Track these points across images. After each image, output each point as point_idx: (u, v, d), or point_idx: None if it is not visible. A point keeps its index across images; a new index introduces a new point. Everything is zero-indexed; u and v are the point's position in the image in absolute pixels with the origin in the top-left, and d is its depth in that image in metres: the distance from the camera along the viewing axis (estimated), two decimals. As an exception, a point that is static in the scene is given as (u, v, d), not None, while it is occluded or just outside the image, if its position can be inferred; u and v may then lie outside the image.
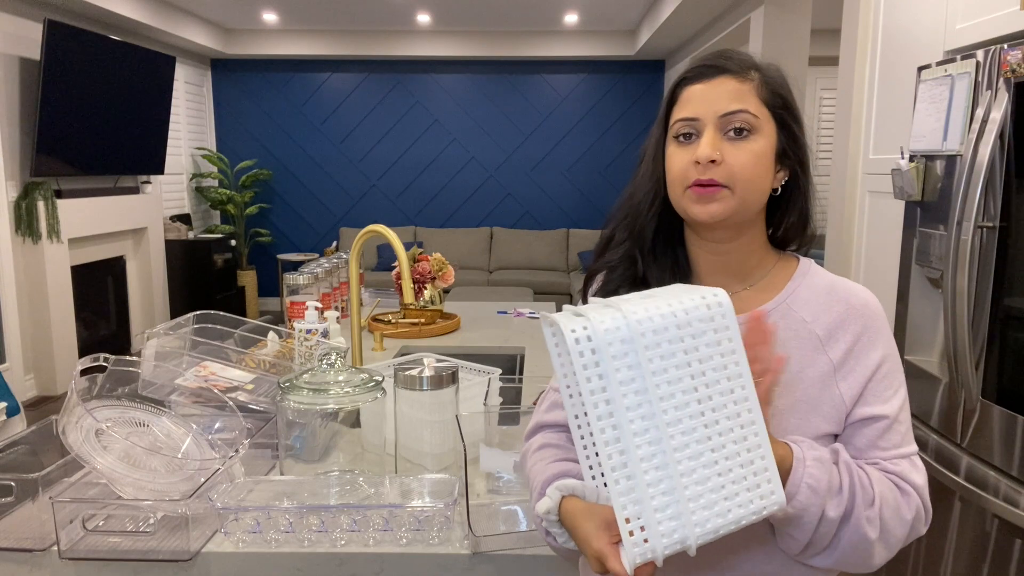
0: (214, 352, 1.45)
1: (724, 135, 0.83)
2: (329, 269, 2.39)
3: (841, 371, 0.86)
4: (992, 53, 1.68)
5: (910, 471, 0.85)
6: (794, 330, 0.87)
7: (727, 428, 0.70)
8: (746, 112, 0.82)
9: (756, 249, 0.91)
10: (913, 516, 0.84)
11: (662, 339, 0.68)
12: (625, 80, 7.07)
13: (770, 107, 0.84)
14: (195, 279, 6.16)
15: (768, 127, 0.84)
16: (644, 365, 0.67)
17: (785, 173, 0.88)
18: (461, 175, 7.23)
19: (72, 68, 4.53)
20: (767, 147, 0.84)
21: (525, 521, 1.10)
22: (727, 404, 0.70)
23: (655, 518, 0.66)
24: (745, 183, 0.82)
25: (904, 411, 0.88)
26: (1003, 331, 1.66)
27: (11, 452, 1.15)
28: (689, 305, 0.70)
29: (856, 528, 0.80)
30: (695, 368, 0.69)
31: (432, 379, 1.19)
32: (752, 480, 0.70)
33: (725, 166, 0.82)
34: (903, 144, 2.10)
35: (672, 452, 0.67)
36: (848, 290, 0.89)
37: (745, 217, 0.86)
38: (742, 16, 4.40)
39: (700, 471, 0.68)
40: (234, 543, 1.03)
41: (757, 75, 0.85)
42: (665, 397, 0.68)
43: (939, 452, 1.86)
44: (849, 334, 0.86)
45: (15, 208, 4.35)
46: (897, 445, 0.86)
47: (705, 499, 0.68)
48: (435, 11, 5.90)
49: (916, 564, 1.96)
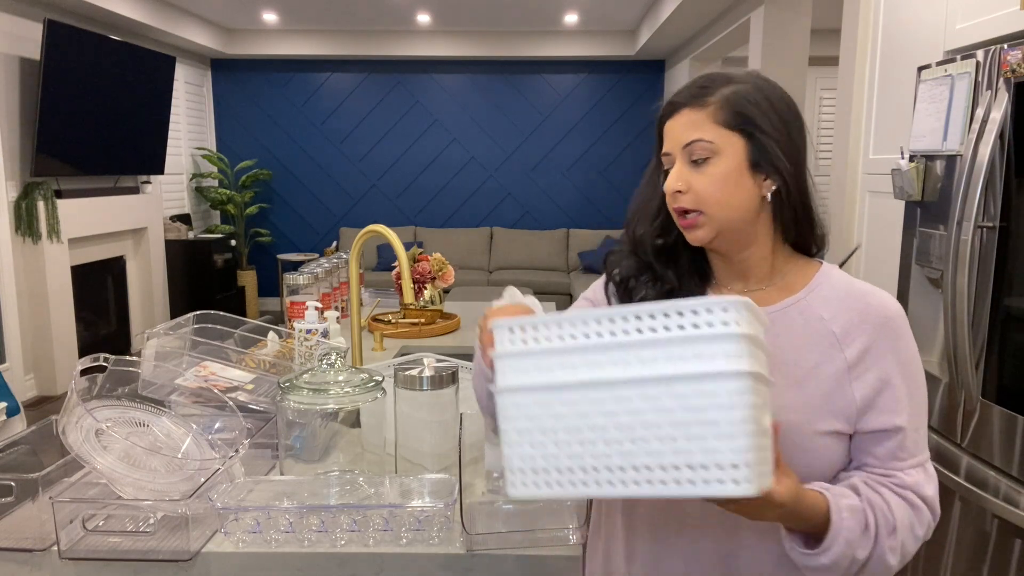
0: (214, 352, 1.45)
1: (690, 164, 0.88)
2: (329, 269, 2.39)
3: (856, 370, 0.86)
4: (992, 53, 1.68)
5: (924, 483, 0.86)
6: (812, 327, 0.89)
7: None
8: (700, 140, 0.87)
9: (767, 255, 0.93)
10: (925, 531, 0.86)
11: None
12: (625, 80, 7.06)
13: (731, 126, 0.87)
14: (195, 279, 6.16)
15: (731, 146, 0.87)
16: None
17: (773, 180, 0.89)
18: (461, 175, 7.23)
19: (72, 68, 4.53)
20: (731, 165, 0.87)
21: (525, 521, 1.10)
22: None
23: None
24: (714, 204, 0.87)
25: (920, 416, 0.88)
26: (1003, 331, 1.66)
27: (11, 452, 1.15)
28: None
29: (879, 561, 0.83)
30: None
31: (432, 379, 1.19)
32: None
33: (692, 193, 0.88)
34: (903, 144, 2.10)
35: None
36: (868, 292, 0.90)
37: (736, 232, 0.90)
38: (742, 16, 4.40)
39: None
40: (234, 543, 1.03)
41: (717, 98, 0.88)
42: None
43: (939, 452, 1.86)
44: (865, 335, 0.87)
45: (15, 208, 4.35)
46: (913, 454, 0.87)
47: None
48: (435, 11, 5.89)
49: (916, 564, 1.96)
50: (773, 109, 0.89)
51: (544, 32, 6.68)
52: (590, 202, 7.25)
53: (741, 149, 0.87)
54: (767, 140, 0.87)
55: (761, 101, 0.89)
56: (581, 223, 7.26)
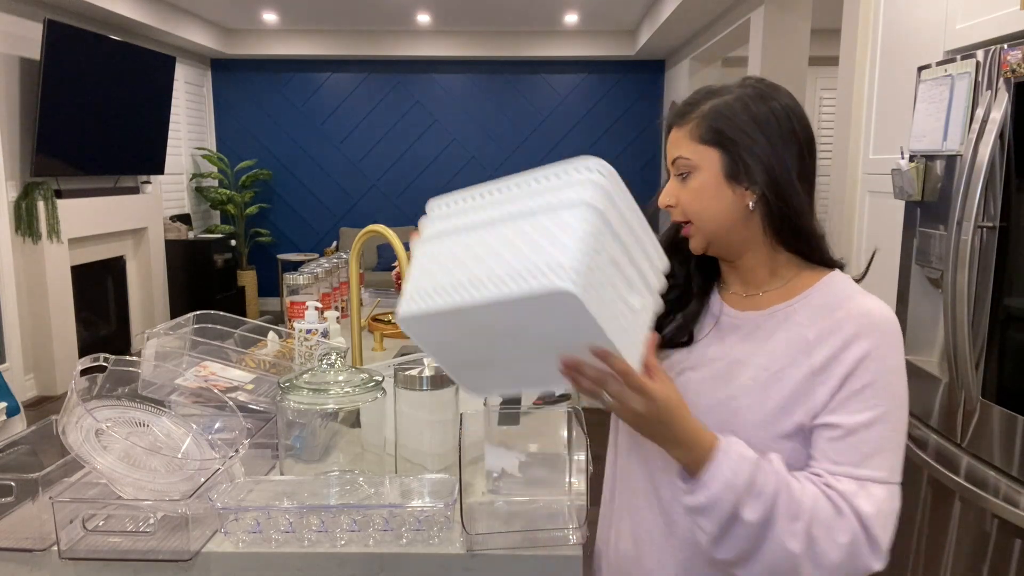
0: (214, 352, 1.45)
1: (678, 178, 0.94)
2: (329, 269, 2.39)
3: (820, 376, 0.86)
4: (992, 53, 1.68)
5: (855, 494, 0.81)
6: (789, 332, 0.90)
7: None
8: (680, 158, 0.93)
9: (764, 261, 0.95)
10: (849, 541, 0.80)
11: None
12: (625, 80, 7.06)
13: (706, 141, 0.91)
14: (195, 279, 6.16)
15: (708, 160, 0.91)
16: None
17: (753, 189, 0.90)
18: (461, 175, 7.23)
19: (72, 68, 4.53)
20: (708, 179, 0.91)
21: (525, 521, 1.10)
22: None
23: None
24: (697, 215, 0.93)
25: (875, 432, 0.83)
26: (1003, 331, 1.66)
27: (11, 452, 1.15)
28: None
29: (777, 539, 0.80)
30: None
31: (432, 379, 1.19)
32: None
33: (679, 206, 0.94)
34: (903, 144, 2.10)
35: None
36: (857, 302, 0.89)
37: (726, 240, 0.94)
38: (742, 16, 4.40)
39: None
40: (234, 543, 1.03)
41: (696, 115, 0.92)
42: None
43: (939, 452, 1.86)
44: (838, 339, 0.86)
45: (15, 208, 4.35)
46: (853, 463, 0.83)
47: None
48: (435, 11, 5.89)
49: (916, 564, 1.96)
50: (752, 120, 0.90)
51: (544, 32, 6.68)
52: (590, 202, 7.25)
53: (716, 162, 0.91)
54: (741, 151, 0.89)
55: (738, 113, 0.90)
56: (581, 223, 7.25)
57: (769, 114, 0.90)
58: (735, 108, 0.90)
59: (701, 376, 0.95)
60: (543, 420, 1.42)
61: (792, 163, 0.90)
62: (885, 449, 0.84)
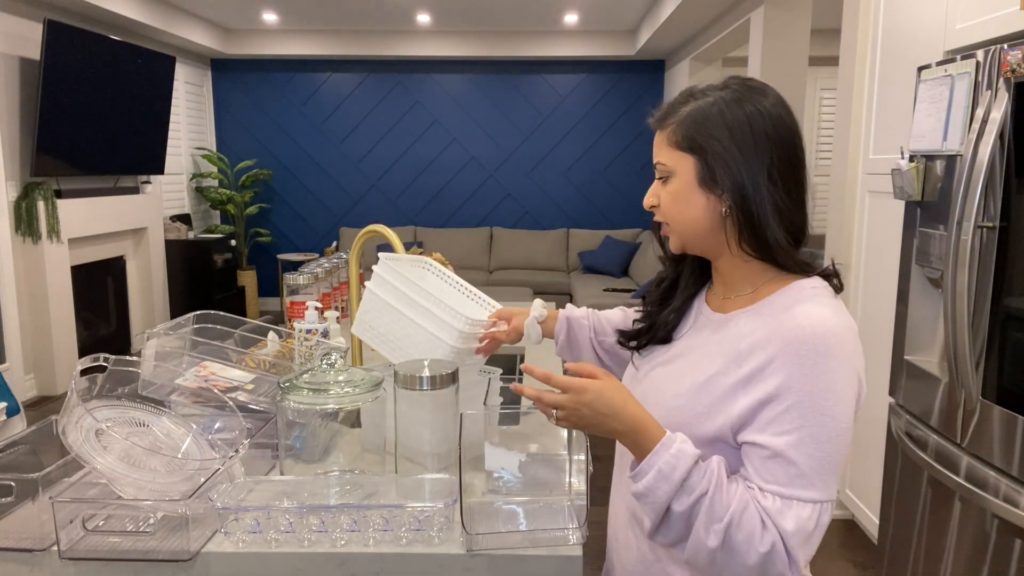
0: (214, 352, 1.45)
1: (659, 181, 0.98)
2: (329, 269, 2.39)
3: (746, 387, 0.87)
4: (992, 53, 1.68)
5: (779, 512, 0.82)
6: (729, 340, 0.92)
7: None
8: (659, 163, 0.96)
9: (738, 265, 0.97)
10: (767, 551, 0.82)
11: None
12: (625, 80, 7.06)
13: (681, 147, 0.93)
14: (195, 279, 6.16)
15: (682, 165, 0.93)
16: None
17: (725, 195, 0.91)
18: (461, 175, 7.23)
19: (72, 68, 4.53)
20: (682, 183, 0.94)
21: (525, 521, 1.10)
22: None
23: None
24: (672, 218, 0.97)
25: (802, 453, 0.82)
26: (1003, 331, 1.66)
27: (11, 452, 1.15)
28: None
29: (698, 533, 0.84)
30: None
31: (432, 379, 1.19)
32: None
33: (660, 208, 0.98)
34: (903, 144, 2.10)
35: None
36: (796, 314, 0.86)
37: (700, 243, 0.97)
38: (742, 16, 4.40)
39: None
40: (234, 543, 1.03)
41: (674, 120, 0.94)
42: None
43: (939, 452, 1.86)
44: (765, 353, 0.86)
45: (15, 208, 4.35)
46: (780, 483, 0.83)
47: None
48: (435, 11, 5.90)
49: (916, 564, 1.96)
50: (725, 126, 0.90)
51: (544, 32, 6.69)
52: (590, 202, 7.25)
53: (691, 168, 0.93)
54: (709, 159, 0.91)
55: (712, 119, 0.91)
56: (581, 223, 7.26)
57: (744, 120, 0.90)
58: (710, 113, 0.91)
59: (667, 371, 1.00)
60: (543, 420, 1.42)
61: (760, 170, 0.89)
62: (814, 470, 0.83)
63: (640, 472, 0.86)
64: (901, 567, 2.03)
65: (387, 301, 1.36)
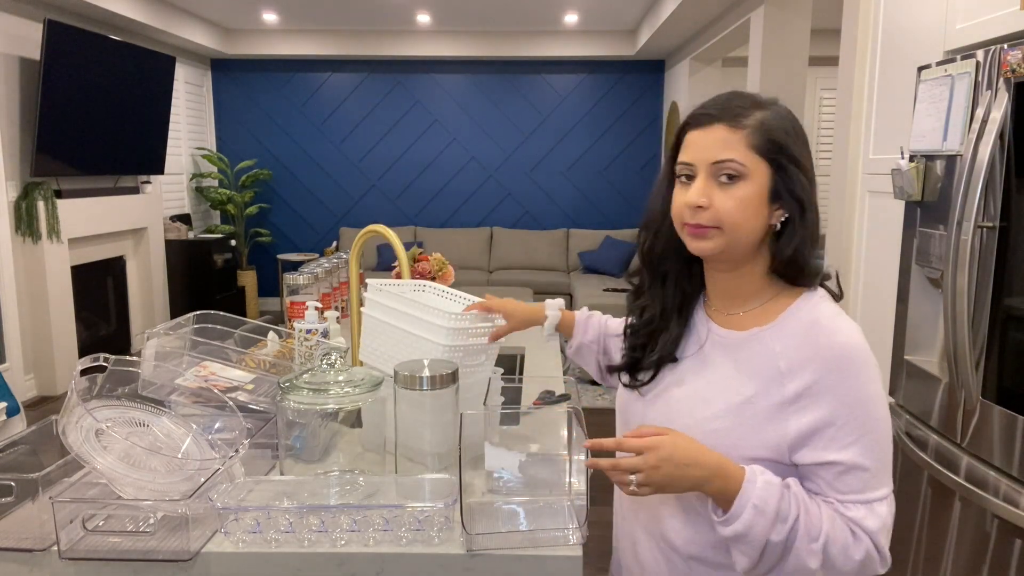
0: (214, 352, 1.45)
1: (716, 180, 0.89)
2: (329, 269, 2.39)
3: (793, 407, 0.88)
4: (992, 53, 1.68)
5: (865, 517, 0.87)
6: (761, 359, 0.91)
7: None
8: (733, 161, 0.88)
9: (755, 280, 0.95)
10: (862, 557, 0.86)
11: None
12: (625, 80, 7.06)
13: (762, 153, 0.89)
14: (195, 279, 6.15)
15: (759, 172, 0.89)
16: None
17: (784, 211, 0.91)
18: (461, 175, 7.23)
19: (72, 68, 4.53)
20: (755, 191, 0.89)
21: (525, 521, 1.10)
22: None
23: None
24: (732, 225, 0.89)
25: (868, 457, 0.87)
26: (1003, 331, 1.66)
27: (11, 452, 1.15)
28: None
29: (797, 556, 0.85)
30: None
31: (432, 379, 1.19)
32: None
33: (712, 210, 0.89)
34: (903, 144, 2.10)
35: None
36: (828, 328, 0.89)
37: (739, 252, 0.93)
38: (742, 16, 4.40)
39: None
40: (234, 543, 1.03)
41: (752, 122, 0.89)
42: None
43: (939, 452, 1.86)
44: (811, 372, 0.87)
45: (15, 208, 4.35)
46: (856, 491, 0.87)
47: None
48: (435, 11, 5.90)
49: (916, 564, 1.96)
50: (803, 147, 0.91)
51: (544, 32, 6.68)
52: (590, 202, 7.25)
53: (766, 177, 0.89)
54: (794, 171, 0.89)
55: (790, 131, 0.91)
56: (581, 223, 7.26)
57: (807, 141, 0.92)
58: (787, 126, 0.90)
59: (684, 392, 0.97)
60: (543, 420, 1.42)
61: (815, 192, 0.93)
62: (878, 468, 0.88)
63: (734, 515, 0.85)
64: (901, 567, 2.03)
65: (381, 320, 1.39)
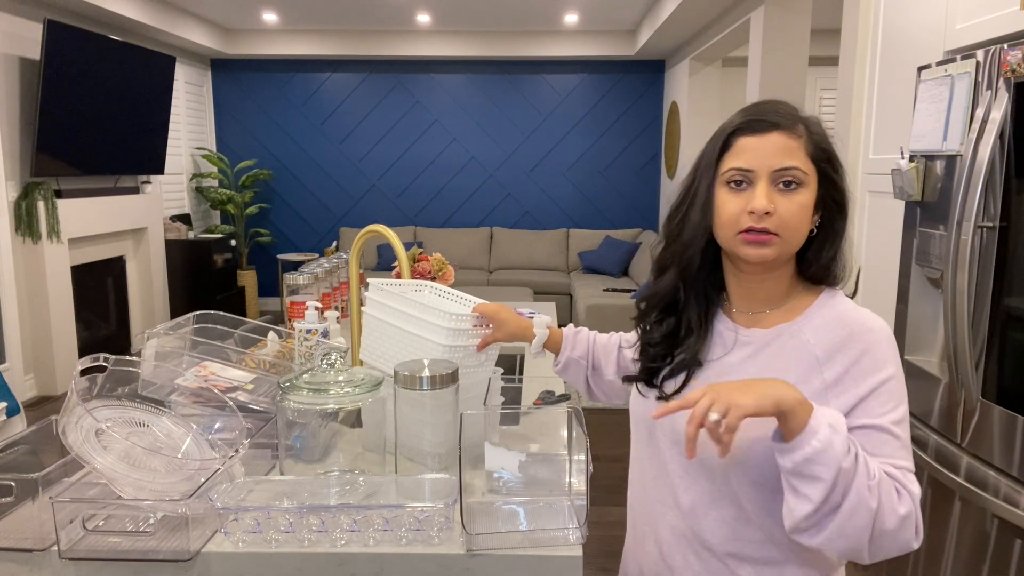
0: (214, 352, 1.45)
1: (775, 186, 0.91)
2: (329, 269, 2.39)
3: (834, 390, 0.91)
4: (992, 53, 1.68)
5: (905, 478, 0.87)
6: (797, 351, 0.94)
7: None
8: (797, 168, 0.91)
9: (784, 282, 0.99)
10: (905, 514, 0.84)
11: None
12: (625, 80, 7.06)
13: (815, 161, 0.93)
14: (195, 279, 6.15)
15: (812, 179, 0.93)
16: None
17: (819, 216, 0.95)
18: (461, 175, 7.23)
19: (72, 68, 4.53)
20: (810, 198, 0.93)
21: (525, 521, 1.10)
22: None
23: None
24: (792, 231, 0.92)
25: (901, 428, 0.90)
26: (1003, 331, 1.66)
27: (11, 452, 1.15)
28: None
29: (858, 493, 0.81)
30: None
31: (432, 379, 1.19)
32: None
33: (777, 216, 0.91)
34: (903, 144, 2.10)
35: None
36: (855, 317, 0.94)
37: (785, 258, 0.96)
38: (742, 16, 4.40)
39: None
40: (234, 543, 1.03)
41: (804, 131, 0.93)
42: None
43: (939, 452, 1.86)
44: (847, 356, 0.91)
45: (15, 208, 4.35)
46: (891, 456, 0.88)
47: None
48: (435, 11, 5.90)
49: (916, 564, 1.96)
50: (840, 157, 0.96)
51: (544, 32, 6.68)
52: (590, 202, 7.25)
53: (816, 184, 0.93)
54: (837, 179, 0.94)
55: (832, 145, 0.96)
56: (581, 223, 7.26)
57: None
58: (827, 136, 0.95)
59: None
60: (543, 420, 1.42)
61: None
62: (907, 445, 0.90)
63: (811, 430, 0.80)
64: (901, 567, 2.03)
65: (382, 320, 1.38)
